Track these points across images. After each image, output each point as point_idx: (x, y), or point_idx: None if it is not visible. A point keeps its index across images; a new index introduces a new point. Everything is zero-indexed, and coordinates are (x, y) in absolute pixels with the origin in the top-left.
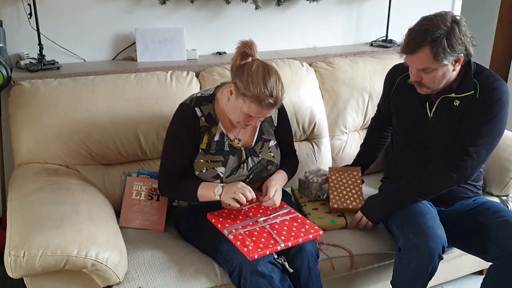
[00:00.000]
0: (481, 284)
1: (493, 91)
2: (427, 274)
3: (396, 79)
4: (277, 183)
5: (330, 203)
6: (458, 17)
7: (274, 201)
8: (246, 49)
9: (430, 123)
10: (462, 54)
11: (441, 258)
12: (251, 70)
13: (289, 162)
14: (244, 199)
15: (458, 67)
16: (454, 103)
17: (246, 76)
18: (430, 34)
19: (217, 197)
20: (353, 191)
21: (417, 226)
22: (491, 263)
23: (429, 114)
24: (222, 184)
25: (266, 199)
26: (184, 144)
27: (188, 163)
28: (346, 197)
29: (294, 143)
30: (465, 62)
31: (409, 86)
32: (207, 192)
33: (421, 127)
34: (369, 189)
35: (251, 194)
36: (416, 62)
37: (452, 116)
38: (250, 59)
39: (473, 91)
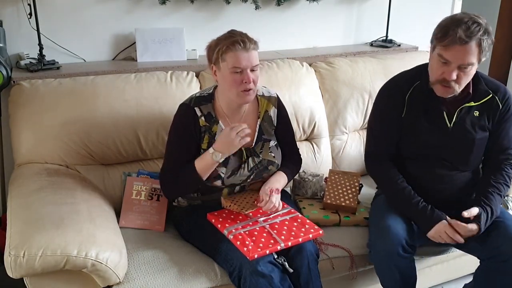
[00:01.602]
0: (469, 283)
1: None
2: (397, 274)
3: (404, 98)
4: (272, 186)
5: (324, 199)
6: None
7: (273, 202)
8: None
9: (449, 133)
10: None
11: (404, 257)
12: (217, 38)
13: (290, 162)
14: (248, 131)
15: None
16: (474, 113)
17: (214, 46)
18: (481, 26)
19: (220, 160)
20: (349, 191)
21: (376, 227)
22: (479, 263)
23: (448, 124)
24: (212, 149)
25: (263, 204)
26: (185, 144)
27: (190, 163)
28: (341, 195)
29: None
30: None
31: (420, 100)
32: (205, 163)
33: (440, 137)
34: (368, 190)
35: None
36: (463, 54)
37: (473, 126)
38: None
39: (490, 96)
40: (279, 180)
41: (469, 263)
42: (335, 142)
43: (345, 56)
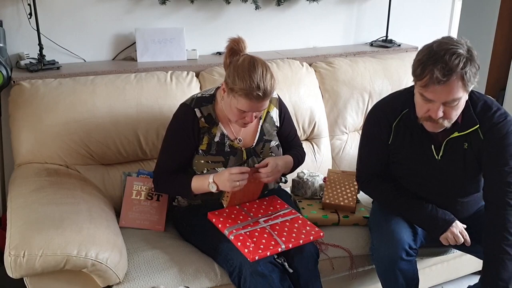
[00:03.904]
0: (475, 285)
1: (498, 127)
2: (400, 277)
3: (391, 126)
4: (277, 161)
5: (323, 199)
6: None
7: (271, 168)
8: (233, 45)
9: (438, 165)
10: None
11: (407, 260)
12: (237, 65)
13: (296, 150)
14: (245, 182)
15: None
16: (464, 145)
17: (232, 71)
18: (461, 57)
19: (215, 191)
20: (348, 190)
21: (380, 231)
22: None
23: (436, 157)
24: (212, 178)
25: (262, 165)
26: (181, 144)
27: (184, 163)
28: (340, 194)
29: None
30: None
31: (407, 129)
32: (201, 184)
33: (429, 168)
34: None
35: (245, 169)
36: (446, 93)
37: (462, 158)
38: (239, 55)
39: (475, 127)
40: (285, 157)
41: (469, 263)
42: (335, 142)
43: (345, 56)
